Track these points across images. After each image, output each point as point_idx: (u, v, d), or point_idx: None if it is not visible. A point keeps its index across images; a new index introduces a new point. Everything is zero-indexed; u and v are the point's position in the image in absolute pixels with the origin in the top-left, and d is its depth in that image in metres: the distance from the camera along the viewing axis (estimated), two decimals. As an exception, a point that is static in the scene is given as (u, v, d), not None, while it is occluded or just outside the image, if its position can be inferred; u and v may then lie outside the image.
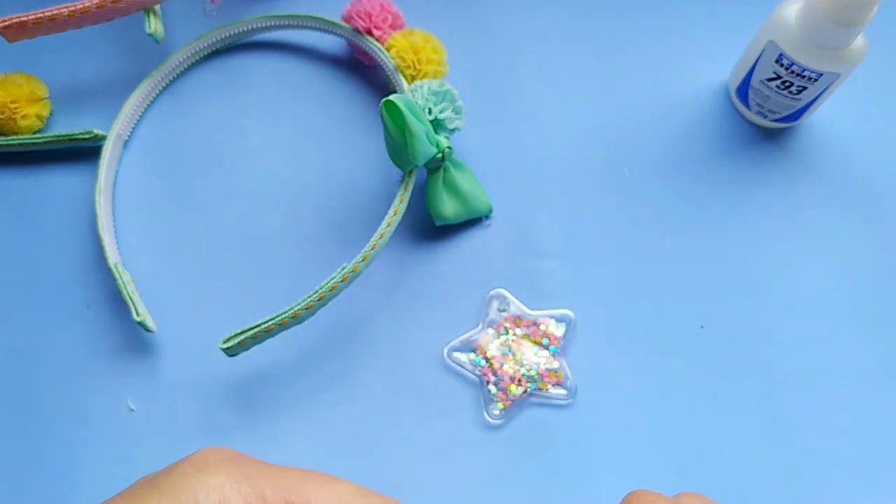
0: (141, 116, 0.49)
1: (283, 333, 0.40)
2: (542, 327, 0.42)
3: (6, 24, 0.44)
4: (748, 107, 0.46)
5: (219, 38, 0.49)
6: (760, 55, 0.43)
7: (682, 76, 0.48)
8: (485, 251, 0.45)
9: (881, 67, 0.47)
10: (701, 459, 0.40)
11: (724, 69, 0.48)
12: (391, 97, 0.39)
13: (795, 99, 0.43)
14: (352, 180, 0.46)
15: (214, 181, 0.47)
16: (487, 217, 0.45)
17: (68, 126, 0.48)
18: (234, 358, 0.40)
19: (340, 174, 0.47)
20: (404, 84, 0.45)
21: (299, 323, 0.40)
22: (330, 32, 0.48)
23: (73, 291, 0.45)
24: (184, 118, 0.49)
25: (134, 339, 0.44)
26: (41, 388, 0.43)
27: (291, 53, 0.50)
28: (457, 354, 0.42)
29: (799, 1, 0.41)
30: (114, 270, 0.43)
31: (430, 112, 0.42)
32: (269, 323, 0.39)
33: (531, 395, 0.41)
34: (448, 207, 0.44)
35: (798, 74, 0.41)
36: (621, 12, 0.50)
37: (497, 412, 0.41)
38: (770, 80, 0.43)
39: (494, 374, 0.42)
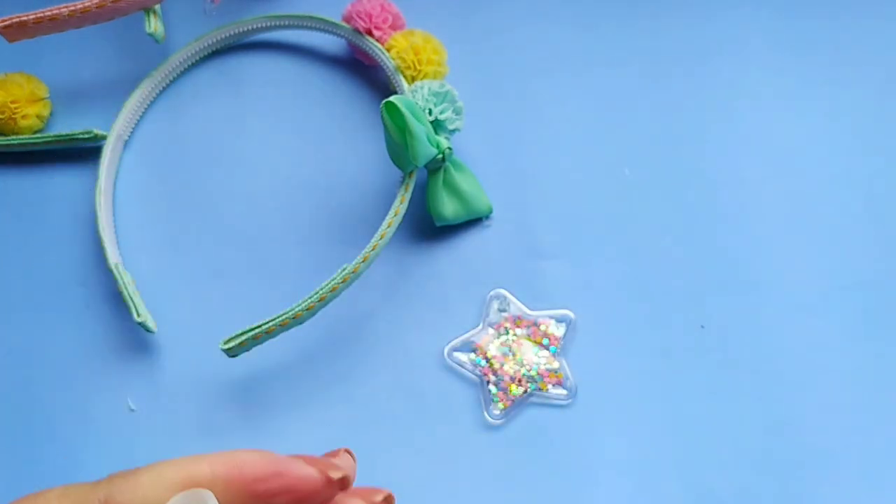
0: (141, 116, 0.49)
1: (283, 334, 0.40)
2: (543, 327, 0.42)
3: (6, 24, 0.44)
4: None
5: (219, 38, 0.49)
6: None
7: (683, 76, 0.48)
8: (485, 251, 0.45)
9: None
10: (701, 459, 0.40)
11: (726, 69, 0.48)
12: (391, 98, 0.39)
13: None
14: (352, 181, 0.46)
15: (215, 181, 0.47)
16: (487, 217, 0.45)
17: (68, 126, 0.48)
18: (234, 358, 0.40)
19: (340, 174, 0.47)
20: (404, 85, 0.45)
21: (300, 324, 0.40)
22: (330, 32, 0.48)
23: (73, 291, 0.45)
24: (184, 118, 0.49)
25: (134, 339, 0.44)
26: (41, 389, 0.43)
27: (291, 53, 0.50)
28: (457, 354, 0.42)
29: None
30: (114, 271, 0.43)
31: (430, 113, 0.42)
32: (270, 324, 0.39)
33: (531, 395, 0.42)
34: (448, 208, 0.44)
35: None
36: (623, 14, 0.50)
37: (497, 412, 0.41)
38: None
39: (495, 374, 0.42)
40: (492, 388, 0.41)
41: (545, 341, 0.42)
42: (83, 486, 0.25)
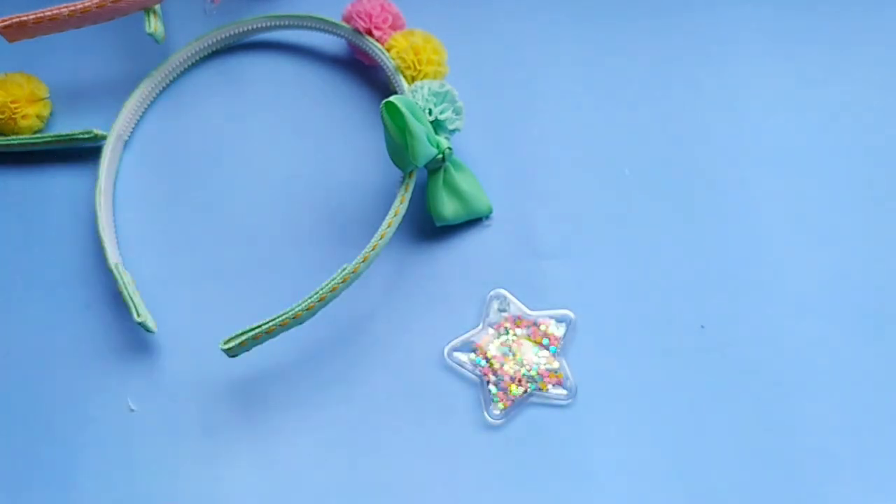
0: (141, 116, 0.49)
1: (283, 334, 0.40)
2: (543, 327, 0.42)
3: (6, 24, 0.44)
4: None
5: (219, 38, 0.49)
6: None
7: (683, 76, 0.48)
8: (485, 251, 0.45)
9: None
10: (701, 459, 0.40)
11: (726, 68, 0.48)
12: (392, 98, 0.39)
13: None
14: (352, 181, 0.46)
15: (215, 181, 0.47)
16: (487, 217, 0.45)
17: (68, 126, 0.48)
18: (234, 358, 0.40)
19: (341, 175, 0.47)
20: (404, 85, 0.45)
21: (300, 324, 0.40)
22: (330, 32, 0.48)
23: (73, 291, 0.45)
24: (184, 118, 0.49)
25: (134, 339, 0.44)
26: (42, 389, 0.43)
27: (291, 53, 0.50)
28: (457, 354, 0.42)
29: None
30: (114, 271, 0.43)
31: (430, 113, 0.42)
32: (270, 324, 0.39)
33: (531, 395, 0.42)
34: (448, 208, 0.44)
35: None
36: (622, 13, 0.50)
37: (497, 412, 0.41)
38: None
39: (495, 374, 0.42)
40: (492, 388, 0.41)
41: (545, 341, 0.42)
42: None
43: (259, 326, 0.39)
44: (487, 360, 0.42)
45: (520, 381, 0.41)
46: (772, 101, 0.47)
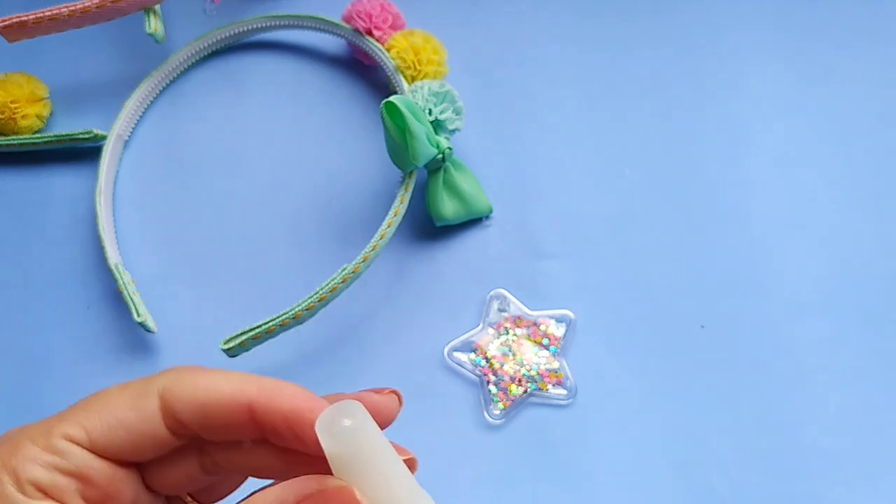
0: (141, 116, 0.49)
1: (283, 334, 0.40)
2: (543, 327, 0.42)
3: (6, 24, 0.44)
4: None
5: (219, 38, 0.49)
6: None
7: (683, 75, 0.48)
8: (485, 251, 0.45)
9: None
10: (701, 459, 0.40)
11: (727, 68, 0.48)
12: (391, 98, 0.39)
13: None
14: (352, 181, 0.46)
15: (215, 181, 0.47)
16: (487, 217, 0.45)
17: (68, 126, 0.48)
18: (234, 358, 0.40)
19: (341, 175, 0.47)
20: (405, 85, 0.45)
21: (300, 324, 0.40)
22: (330, 32, 0.48)
23: (73, 291, 0.45)
24: (184, 118, 0.49)
25: (134, 339, 0.44)
26: (41, 389, 0.43)
27: (291, 53, 0.50)
28: (457, 354, 0.42)
29: None
30: (114, 271, 0.43)
31: (430, 113, 0.42)
32: (270, 324, 0.39)
33: (531, 395, 0.42)
34: (448, 208, 0.44)
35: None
36: (622, 13, 0.50)
37: (497, 412, 0.41)
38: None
39: (495, 374, 0.42)
40: (492, 388, 0.42)
41: (545, 341, 0.42)
42: (140, 380, 0.26)
43: (259, 326, 0.39)
44: (487, 360, 0.42)
45: (520, 381, 0.41)
46: (772, 101, 0.47)
